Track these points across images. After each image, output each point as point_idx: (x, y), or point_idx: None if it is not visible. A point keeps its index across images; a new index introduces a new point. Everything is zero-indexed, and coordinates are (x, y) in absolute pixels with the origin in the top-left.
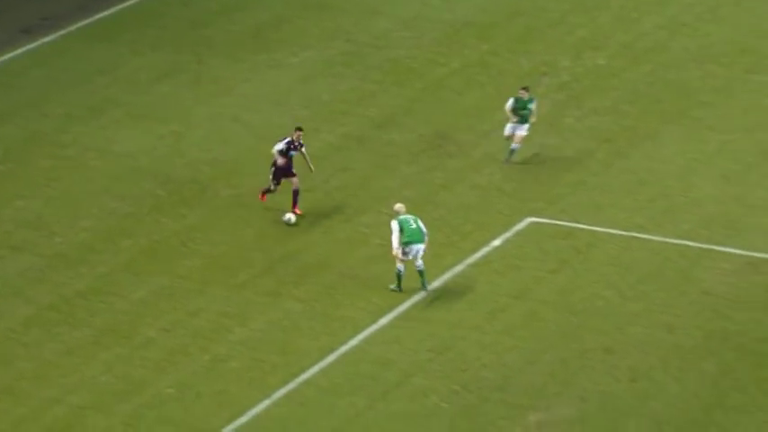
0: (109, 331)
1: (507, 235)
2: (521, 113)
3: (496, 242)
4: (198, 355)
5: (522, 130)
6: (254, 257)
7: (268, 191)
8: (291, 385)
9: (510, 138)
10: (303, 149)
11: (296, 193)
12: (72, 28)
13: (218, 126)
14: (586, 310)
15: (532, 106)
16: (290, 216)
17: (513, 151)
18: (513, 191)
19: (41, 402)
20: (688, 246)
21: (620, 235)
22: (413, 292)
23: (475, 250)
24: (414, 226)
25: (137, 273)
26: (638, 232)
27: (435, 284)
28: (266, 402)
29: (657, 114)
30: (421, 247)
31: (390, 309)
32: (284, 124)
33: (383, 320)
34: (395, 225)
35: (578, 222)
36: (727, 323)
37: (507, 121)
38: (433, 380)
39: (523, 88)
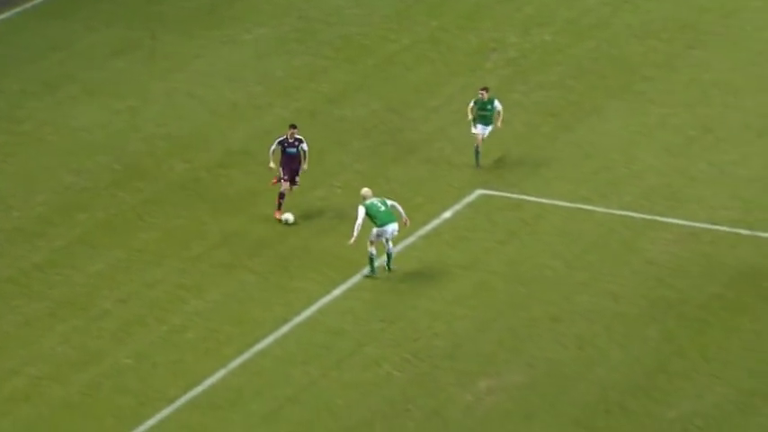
0: (66, 303)
1: (457, 207)
2: (482, 114)
3: (447, 214)
4: (154, 326)
5: (485, 132)
6: (208, 230)
7: (280, 179)
8: (246, 355)
9: (477, 139)
10: (304, 146)
11: (281, 196)
12: (27, 5)
13: (173, 101)
14: (534, 279)
15: (496, 106)
16: (289, 216)
17: (478, 153)
18: (462, 164)
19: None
20: (631, 217)
21: (566, 207)
22: (362, 265)
23: (426, 222)
24: (382, 209)
25: (93, 246)
26: (584, 204)
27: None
28: (222, 372)
29: (601, 89)
30: (395, 226)
31: (343, 280)
32: (238, 100)
33: (336, 291)
34: (360, 211)
35: (526, 195)
36: (670, 291)
37: (469, 123)
38: (386, 349)
39: (483, 89)
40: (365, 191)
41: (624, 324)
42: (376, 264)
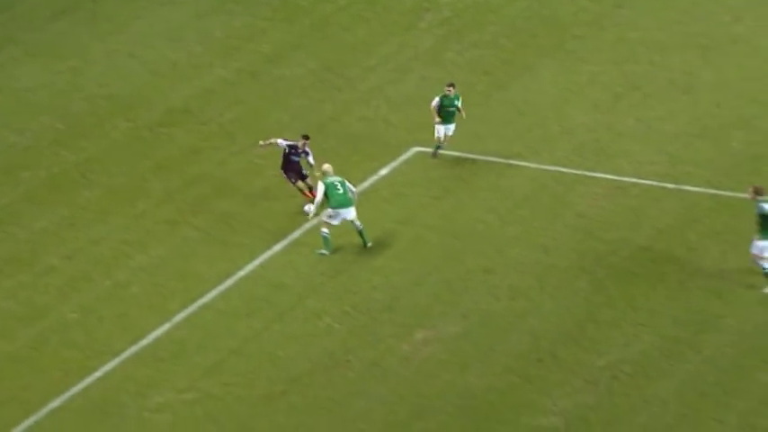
0: (12, 260)
1: (394, 164)
2: (447, 111)
3: (384, 171)
4: (99, 282)
5: (450, 131)
6: (152, 188)
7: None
8: (190, 309)
9: (440, 139)
10: (310, 158)
11: (309, 189)
12: None
13: (115, 62)
14: (468, 233)
15: (459, 103)
16: (310, 206)
17: (438, 148)
18: (398, 122)
19: None
20: (562, 172)
21: (500, 162)
22: (303, 220)
23: (363, 179)
24: (340, 191)
25: (38, 203)
26: (517, 160)
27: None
28: (166, 326)
29: (533, 48)
30: (350, 210)
31: (284, 235)
32: (179, 60)
33: (277, 246)
34: (320, 188)
35: (460, 151)
36: (599, 243)
37: (433, 118)
38: (326, 302)
39: (450, 85)
40: (326, 167)
41: (555, 276)
42: (329, 246)
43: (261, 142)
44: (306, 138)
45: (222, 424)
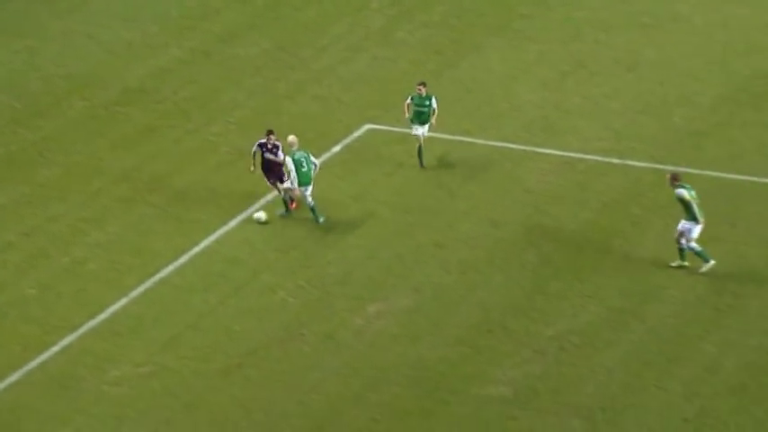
0: None
1: (346, 141)
2: (419, 111)
3: (336, 148)
4: (57, 258)
5: (424, 130)
6: (108, 166)
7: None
8: (147, 284)
9: (418, 138)
10: (279, 153)
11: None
12: None
13: (71, 41)
14: (419, 209)
15: (432, 103)
16: (261, 214)
17: (420, 151)
18: (351, 100)
19: None
20: (511, 148)
21: (450, 139)
22: (260, 196)
23: (317, 157)
24: (305, 168)
25: None
26: (466, 136)
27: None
28: (123, 301)
29: (482, 27)
30: (308, 188)
31: (239, 212)
32: (134, 39)
33: (233, 222)
34: (289, 162)
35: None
36: (546, 218)
37: (408, 119)
38: (281, 277)
39: (420, 84)
40: (291, 139)
41: (504, 249)
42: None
43: (251, 168)
44: (270, 132)
45: (179, 397)
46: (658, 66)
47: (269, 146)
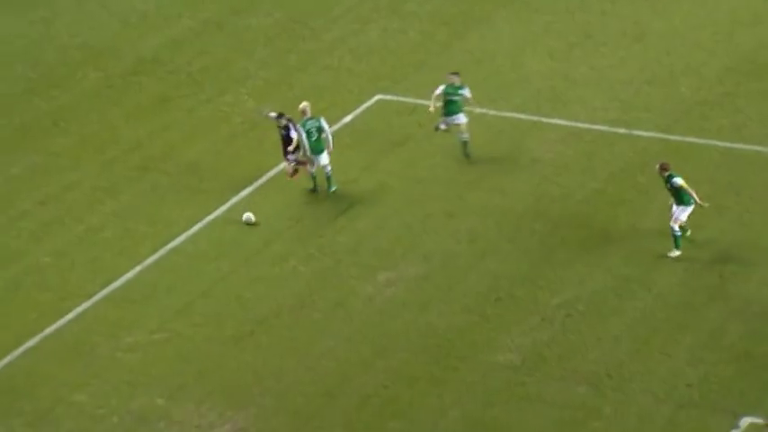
0: None
1: (357, 112)
2: (452, 100)
3: (347, 119)
4: (72, 226)
5: (461, 119)
6: (122, 136)
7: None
8: (161, 252)
9: (439, 129)
10: (292, 133)
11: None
12: None
13: (86, 12)
14: (429, 179)
15: (466, 93)
16: (250, 215)
17: (465, 143)
18: (361, 71)
19: None
20: (519, 118)
21: None
22: (271, 167)
23: (329, 126)
24: (314, 137)
25: (12, 150)
26: (475, 107)
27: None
28: (137, 269)
29: None
30: (322, 156)
31: (251, 181)
32: (148, 10)
33: (245, 192)
34: (301, 131)
35: (421, 99)
36: (554, 187)
37: (430, 106)
38: (292, 245)
39: (453, 73)
40: (303, 105)
41: (512, 218)
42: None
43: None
44: (279, 115)
45: (192, 363)
46: (665, 36)
47: (280, 127)
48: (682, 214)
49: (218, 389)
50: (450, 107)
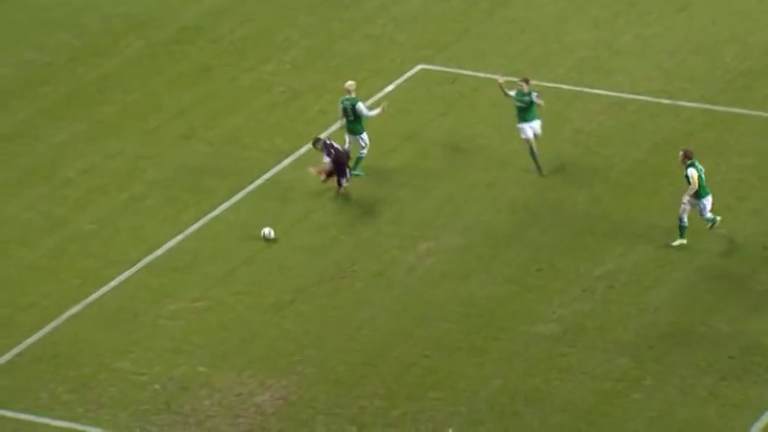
0: (31, 172)
1: (399, 81)
2: (520, 107)
3: (389, 88)
4: (115, 194)
5: (538, 129)
6: (165, 103)
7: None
8: (203, 221)
9: (529, 141)
10: (326, 158)
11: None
12: None
13: None
14: (471, 149)
15: (534, 99)
16: (269, 231)
17: (534, 154)
18: (404, 40)
19: None
20: (562, 88)
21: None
22: (312, 136)
23: (369, 96)
24: (351, 118)
25: (56, 118)
26: (518, 77)
27: (333, 128)
28: (179, 237)
29: None
30: (357, 137)
31: (293, 151)
32: None
33: (286, 162)
34: (339, 108)
35: (464, 68)
36: (596, 158)
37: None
38: (333, 215)
39: (523, 80)
40: (349, 84)
41: (554, 189)
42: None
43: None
44: (315, 140)
45: (233, 331)
46: (710, 5)
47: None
48: (706, 209)
49: (259, 357)
50: (523, 114)
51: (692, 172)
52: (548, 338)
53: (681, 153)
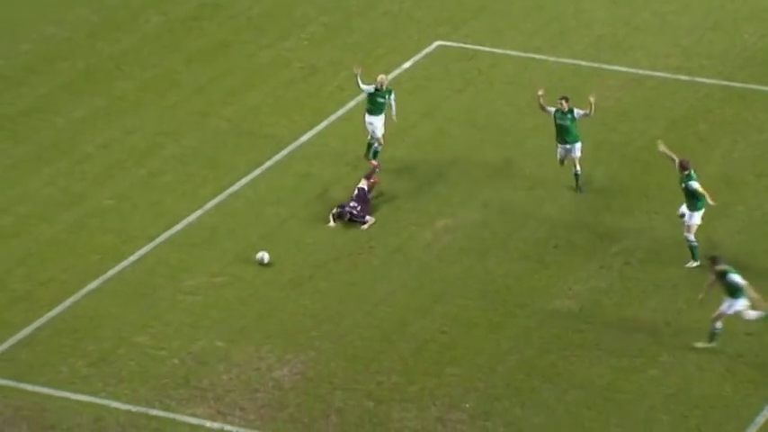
0: (50, 147)
1: (416, 58)
2: (561, 125)
3: (407, 65)
4: (134, 170)
5: (576, 152)
6: (183, 80)
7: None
8: (221, 197)
9: (563, 162)
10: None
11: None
12: None
13: None
14: (488, 125)
15: (576, 115)
16: (262, 255)
17: (577, 176)
18: (421, 17)
19: None
20: (579, 65)
21: (519, 56)
22: (329, 113)
23: (387, 73)
24: (381, 100)
25: (75, 93)
26: (535, 53)
27: (351, 104)
28: (198, 212)
29: None
30: (374, 118)
31: (311, 127)
32: None
33: (304, 137)
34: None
35: (481, 45)
36: (614, 134)
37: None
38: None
39: (562, 98)
40: (381, 77)
41: (571, 165)
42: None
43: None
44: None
45: (251, 306)
46: None
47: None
48: (692, 220)
49: (277, 332)
50: (561, 134)
51: (694, 184)
52: (564, 315)
53: (677, 162)
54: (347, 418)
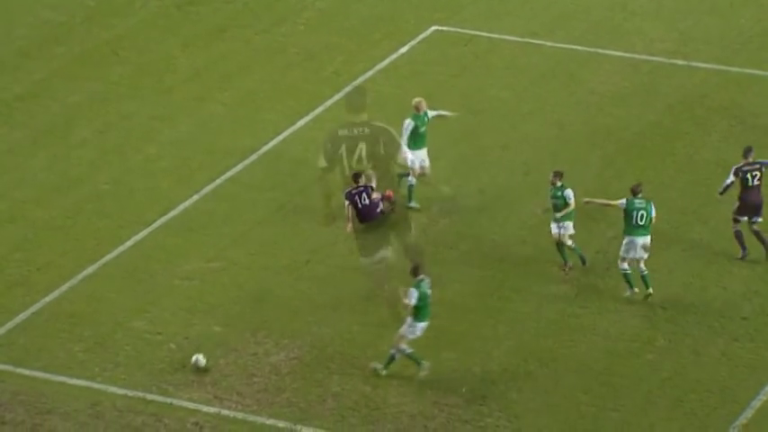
0: (47, 132)
1: (413, 43)
2: (554, 202)
3: (403, 49)
4: (130, 155)
5: (569, 229)
6: (180, 64)
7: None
8: (217, 182)
9: (559, 240)
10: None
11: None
12: None
13: None
14: (485, 110)
15: (567, 195)
16: (196, 357)
17: (582, 257)
18: (418, 2)
19: None
20: (576, 50)
21: (516, 41)
22: (326, 98)
23: (384, 57)
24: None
25: (71, 78)
26: (532, 38)
27: (347, 89)
28: (194, 197)
29: None
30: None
31: (306, 112)
32: None
33: (300, 123)
34: (408, 124)
35: (478, 30)
36: (610, 119)
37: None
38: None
39: (556, 174)
40: (417, 101)
41: (568, 151)
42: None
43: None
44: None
45: (248, 291)
46: None
47: (357, 191)
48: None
49: (274, 317)
50: (555, 214)
51: (653, 211)
52: (561, 299)
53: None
54: (344, 402)
